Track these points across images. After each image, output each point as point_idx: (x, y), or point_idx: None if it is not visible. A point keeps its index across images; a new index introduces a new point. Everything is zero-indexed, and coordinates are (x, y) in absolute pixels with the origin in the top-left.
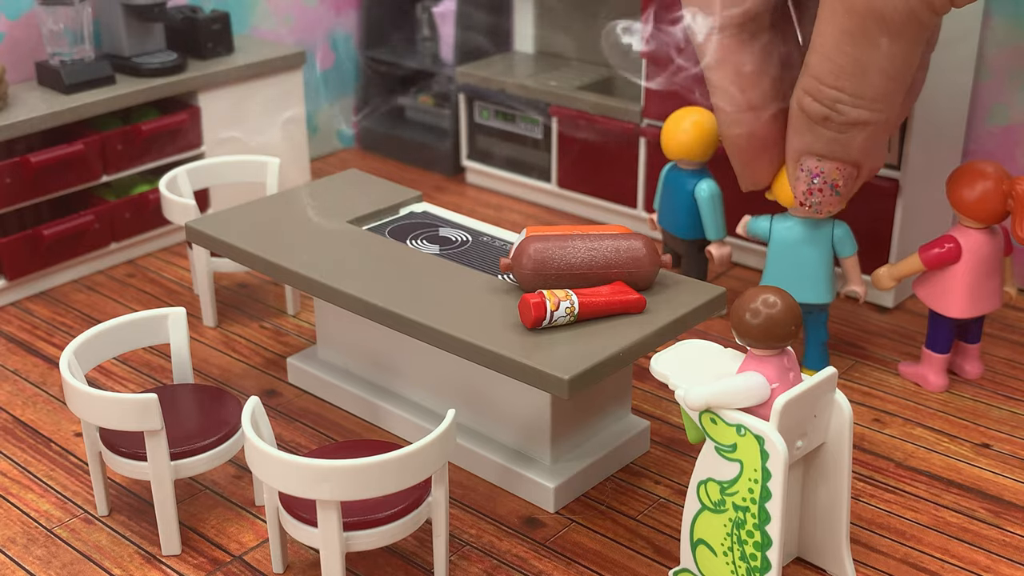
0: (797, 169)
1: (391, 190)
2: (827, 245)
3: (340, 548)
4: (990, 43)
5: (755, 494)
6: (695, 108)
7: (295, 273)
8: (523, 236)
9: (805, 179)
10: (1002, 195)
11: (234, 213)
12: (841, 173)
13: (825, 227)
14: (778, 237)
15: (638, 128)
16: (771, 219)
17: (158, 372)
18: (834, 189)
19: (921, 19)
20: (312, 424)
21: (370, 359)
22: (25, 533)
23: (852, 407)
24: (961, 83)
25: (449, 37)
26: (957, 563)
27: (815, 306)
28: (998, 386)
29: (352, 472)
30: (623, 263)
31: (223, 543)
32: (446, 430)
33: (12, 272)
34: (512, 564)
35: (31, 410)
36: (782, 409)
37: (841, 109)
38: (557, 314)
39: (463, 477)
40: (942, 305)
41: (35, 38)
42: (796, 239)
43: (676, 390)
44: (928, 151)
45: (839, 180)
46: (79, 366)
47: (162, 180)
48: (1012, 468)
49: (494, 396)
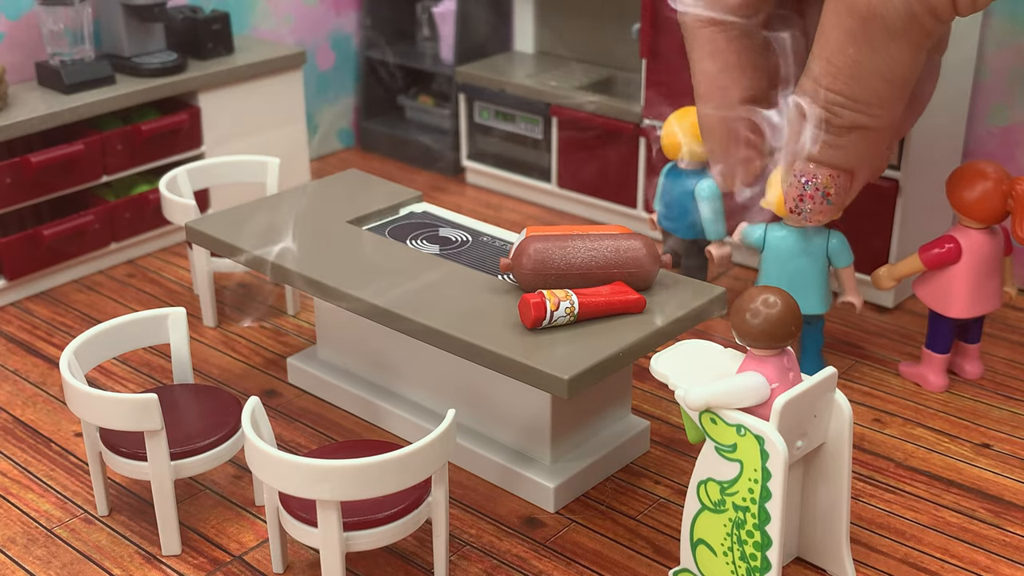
0: (790, 174)
1: (391, 190)
2: (822, 256)
3: (340, 548)
4: (990, 43)
5: (755, 494)
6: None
7: (295, 273)
8: (523, 236)
9: (797, 185)
10: (1002, 195)
11: (234, 213)
12: (834, 181)
13: (820, 237)
14: (772, 246)
15: (638, 128)
16: (765, 227)
17: (158, 372)
18: (826, 197)
19: (923, 23)
20: (312, 424)
21: (370, 359)
22: (25, 533)
23: (852, 407)
24: (961, 83)
25: (449, 37)
26: (957, 563)
27: (811, 317)
28: (998, 386)
29: (352, 472)
30: (623, 263)
31: (223, 543)
32: (446, 430)
33: (12, 272)
34: (512, 564)
35: (31, 410)
36: (782, 409)
37: (839, 112)
38: (557, 314)
39: (463, 477)
40: (942, 305)
41: (35, 38)
42: (790, 249)
43: (676, 390)
44: (928, 151)
45: (831, 188)
46: (79, 366)
47: (162, 180)
48: (1012, 468)
49: (494, 396)
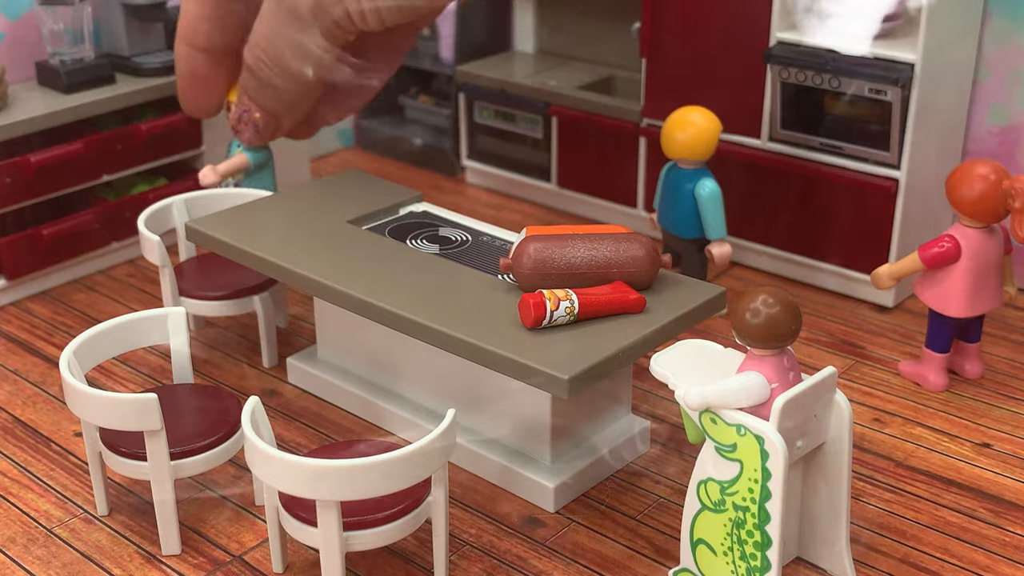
0: (238, 102)
1: (391, 190)
2: None
3: (340, 548)
4: (990, 43)
5: (755, 494)
6: (695, 108)
7: (295, 273)
8: (523, 236)
9: (236, 112)
10: (1001, 195)
11: (234, 213)
12: (263, 118)
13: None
14: None
15: (638, 128)
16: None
17: (158, 372)
18: (256, 128)
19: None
20: (312, 424)
21: (370, 359)
22: (25, 533)
23: (852, 407)
24: (961, 83)
25: (449, 37)
26: (957, 563)
27: None
28: (998, 386)
29: (352, 472)
30: (623, 263)
31: (223, 543)
32: (446, 430)
33: (12, 272)
34: (512, 564)
35: (31, 410)
36: (782, 409)
37: (259, 68)
38: (557, 314)
39: (463, 477)
40: (942, 304)
41: (35, 38)
42: None
43: (676, 390)
44: (928, 151)
45: (260, 123)
46: (79, 366)
47: (143, 214)
48: (1012, 468)
49: (494, 396)
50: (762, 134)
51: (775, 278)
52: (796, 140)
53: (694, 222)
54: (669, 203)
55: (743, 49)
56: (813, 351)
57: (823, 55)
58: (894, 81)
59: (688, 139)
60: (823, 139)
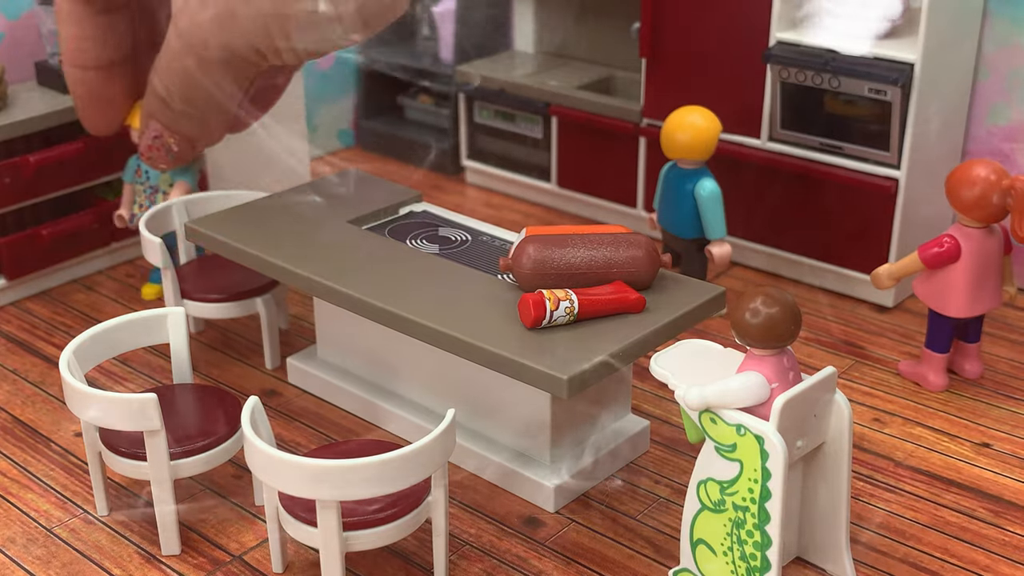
0: (145, 127)
1: (391, 190)
2: None
3: (340, 548)
4: (990, 43)
5: (755, 494)
6: (695, 108)
7: (295, 273)
8: (522, 236)
9: (147, 137)
10: (1001, 194)
11: (234, 213)
12: (176, 141)
13: None
14: None
15: (638, 128)
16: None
17: (158, 372)
18: (169, 151)
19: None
20: (312, 424)
21: (370, 359)
22: (25, 533)
23: (852, 407)
24: (961, 83)
25: (449, 37)
26: (957, 563)
27: None
28: (998, 385)
29: (352, 472)
30: (623, 263)
31: (223, 543)
32: (446, 430)
33: (12, 272)
34: (512, 564)
35: (31, 410)
36: (782, 409)
37: (173, 101)
38: (557, 314)
39: (463, 477)
40: (942, 304)
41: (35, 38)
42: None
43: (676, 390)
44: (928, 151)
45: (175, 146)
46: (79, 366)
47: (143, 217)
48: (1012, 468)
49: (494, 396)
50: (762, 134)
51: (775, 278)
52: (796, 140)
53: (694, 222)
54: (669, 203)
55: (743, 49)
56: (813, 351)
57: (823, 55)
58: (894, 81)
59: (688, 139)
60: (823, 139)
